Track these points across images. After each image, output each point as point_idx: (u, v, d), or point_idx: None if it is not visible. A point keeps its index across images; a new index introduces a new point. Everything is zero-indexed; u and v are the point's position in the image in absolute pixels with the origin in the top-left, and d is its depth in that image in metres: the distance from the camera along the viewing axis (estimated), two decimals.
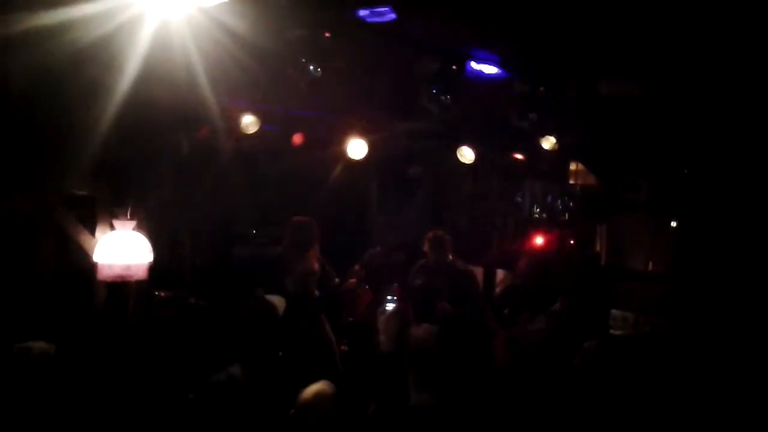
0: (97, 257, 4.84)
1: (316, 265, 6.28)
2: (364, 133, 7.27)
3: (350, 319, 6.31)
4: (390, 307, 5.67)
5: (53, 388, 3.67)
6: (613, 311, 7.71)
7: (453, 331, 4.07)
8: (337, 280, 6.49)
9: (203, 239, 7.03)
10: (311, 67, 5.40)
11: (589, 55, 6.12)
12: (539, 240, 8.27)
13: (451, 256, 6.60)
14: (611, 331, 7.38)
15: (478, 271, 7.96)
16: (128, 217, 5.00)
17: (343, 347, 6.23)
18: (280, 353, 4.17)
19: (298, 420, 3.55)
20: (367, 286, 6.52)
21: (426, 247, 6.60)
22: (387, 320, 5.32)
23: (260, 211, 8.04)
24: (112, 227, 4.99)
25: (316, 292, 6.19)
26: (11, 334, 4.21)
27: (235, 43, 4.71)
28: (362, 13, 5.11)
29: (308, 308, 5.94)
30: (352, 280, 6.53)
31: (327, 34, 5.15)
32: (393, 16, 5.11)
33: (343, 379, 3.88)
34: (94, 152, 4.83)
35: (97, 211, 5.08)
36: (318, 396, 3.61)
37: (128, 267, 4.85)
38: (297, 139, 7.36)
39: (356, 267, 6.70)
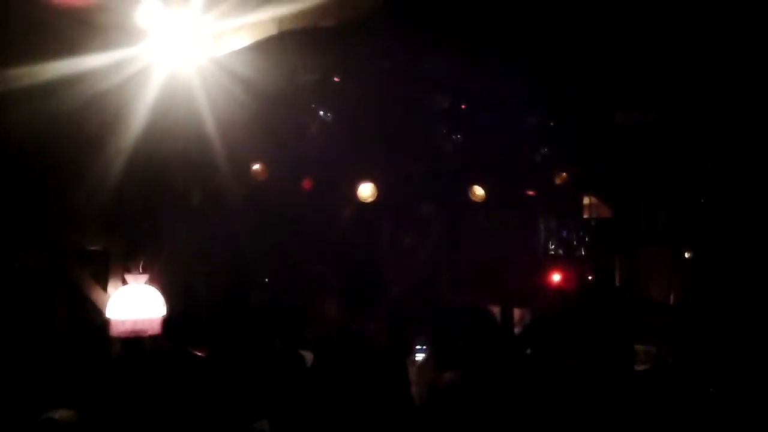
0: (109, 313, 4.76)
1: (335, 311, 6.19)
2: (374, 174, 7.22)
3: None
4: (420, 356, 5.53)
5: None
6: (636, 346, 7.57)
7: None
8: (355, 327, 6.38)
9: (218, 289, 6.96)
10: (321, 112, 5.39)
11: (601, 85, 6.09)
12: (557, 276, 8.15)
13: (468, 297, 6.50)
14: (635, 366, 7.23)
15: (495, 310, 7.83)
16: (141, 270, 4.94)
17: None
18: (310, 406, 4.06)
19: None
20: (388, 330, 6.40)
21: (443, 289, 6.51)
22: (419, 370, 5.19)
23: (274, 257, 7.97)
24: (124, 282, 4.92)
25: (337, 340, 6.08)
26: (29, 397, 4.13)
27: (245, 91, 4.69)
28: (370, 54, 5.10)
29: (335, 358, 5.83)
30: (373, 326, 6.41)
31: (336, 79, 5.14)
32: (402, 55, 5.09)
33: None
34: (105, 205, 4.78)
35: (111, 266, 5.02)
36: None
37: (141, 322, 4.78)
38: (308, 183, 7.32)
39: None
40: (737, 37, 4.77)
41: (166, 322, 4.93)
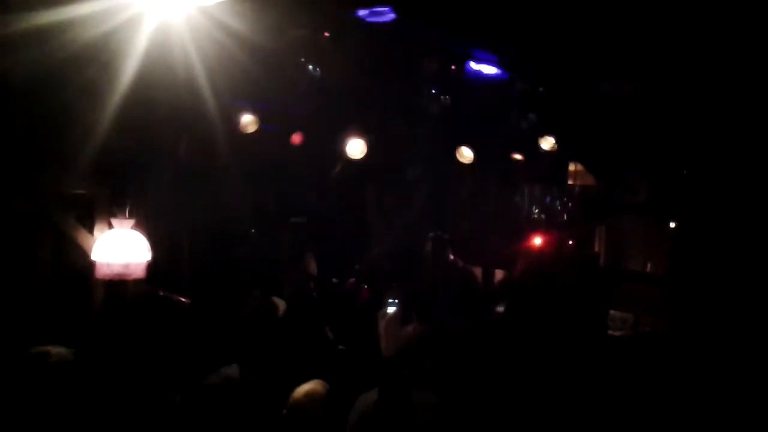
0: (95, 256, 4.82)
1: (314, 266, 6.27)
2: (362, 133, 7.26)
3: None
4: (391, 310, 5.63)
5: (71, 393, 3.64)
6: (612, 312, 7.71)
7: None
8: (334, 280, 6.48)
9: (202, 239, 7.02)
10: (310, 67, 5.40)
11: (589, 55, 6.12)
12: (538, 240, 8.26)
13: (451, 257, 6.60)
14: (610, 332, 7.38)
15: (477, 271, 7.95)
16: (127, 216, 4.98)
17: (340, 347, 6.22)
18: (280, 354, 4.16)
19: (290, 420, 3.53)
20: (365, 286, 6.51)
21: (427, 248, 6.60)
22: (387, 324, 5.29)
23: (259, 210, 8.03)
24: (110, 226, 4.97)
25: (314, 293, 6.19)
26: (15, 336, 4.20)
27: (235, 43, 4.71)
28: (362, 13, 5.11)
29: (308, 309, 5.93)
30: (352, 280, 6.52)
31: (326, 34, 5.15)
32: (393, 16, 5.10)
33: (340, 379, 3.85)
34: (93, 152, 4.80)
35: (96, 211, 5.06)
36: (309, 395, 3.58)
37: (126, 266, 4.82)
38: (296, 138, 7.35)
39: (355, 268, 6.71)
40: (722, 9, 4.81)
41: (150, 267, 4.99)
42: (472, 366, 4.41)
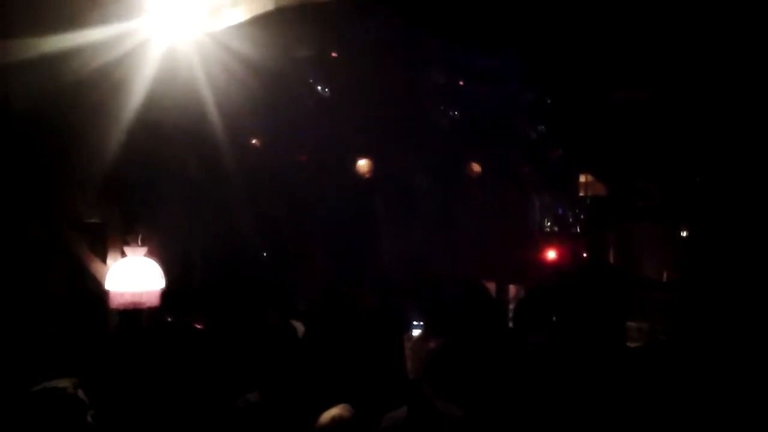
0: (108, 285, 4.79)
1: (326, 284, 6.24)
2: (371, 149, 7.25)
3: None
4: (417, 332, 5.57)
5: (85, 427, 3.61)
6: (628, 323, 7.64)
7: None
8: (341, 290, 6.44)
9: (214, 261, 7.00)
10: (318, 87, 5.40)
11: (597, 62, 6.09)
12: (551, 253, 8.21)
13: (464, 270, 6.56)
14: (628, 343, 7.30)
15: (490, 286, 7.90)
16: (139, 243, 4.95)
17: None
18: (301, 378, 4.11)
19: None
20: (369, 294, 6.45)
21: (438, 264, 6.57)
22: (415, 345, 5.22)
23: (270, 230, 8.01)
24: (123, 254, 4.95)
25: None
26: (29, 365, 4.17)
27: (242, 66, 4.70)
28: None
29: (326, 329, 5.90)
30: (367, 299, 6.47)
31: (334, 54, 5.15)
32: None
33: (364, 402, 3.80)
34: (104, 177, 4.80)
35: (108, 238, 5.04)
36: (336, 421, 3.54)
37: (140, 294, 4.79)
38: (305, 156, 7.35)
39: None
40: (732, 14, 4.77)
41: (164, 294, 4.95)
42: (492, 379, 4.36)
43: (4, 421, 3.52)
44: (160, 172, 5.23)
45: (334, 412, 3.59)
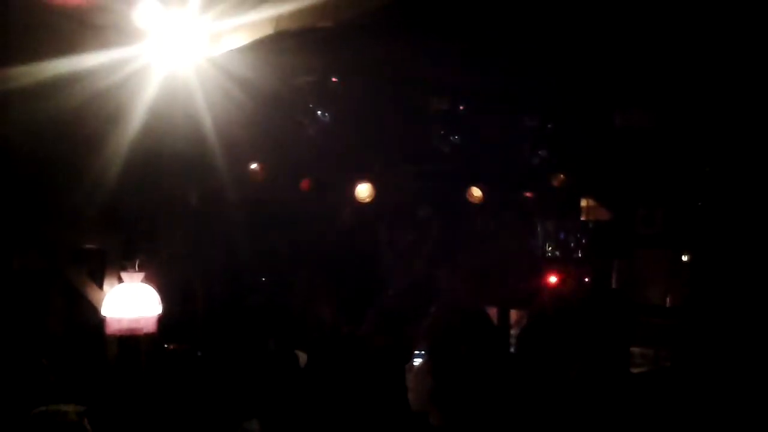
0: (105, 311, 4.76)
1: (330, 314, 6.19)
2: (372, 175, 7.23)
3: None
4: (418, 361, 5.49)
5: None
6: (633, 348, 7.57)
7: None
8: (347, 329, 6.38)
9: (214, 289, 6.96)
10: (319, 113, 5.39)
11: (601, 88, 6.09)
12: (554, 278, 8.15)
13: (465, 299, 6.50)
14: (632, 369, 7.24)
15: (493, 312, 7.83)
16: (137, 269, 4.92)
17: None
18: (301, 408, 4.06)
19: None
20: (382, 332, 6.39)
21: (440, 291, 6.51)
22: (416, 376, 5.14)
23: (270, 258, 7.98)
24: (120, 280, 4.92)
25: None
26: (28, 392, 4.12)
27: (243, 91, 4.69)
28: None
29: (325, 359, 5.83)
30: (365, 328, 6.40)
31: (335, 79, 5.14)
32: None
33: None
34: (103, 205, 4.78)
35: (107, 264, 5.02)
36: None
37: (137, 320, 4.76)
38: (305, 184, 7.33)
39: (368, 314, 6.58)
40: (736, 40, 4.77)
41: (162, 321, 4.92)
42: (498, 406, 4.30)
43: None
44: (159, 199, 5.20)
45: None
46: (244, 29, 4.14)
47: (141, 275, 4.92)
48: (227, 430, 3.87)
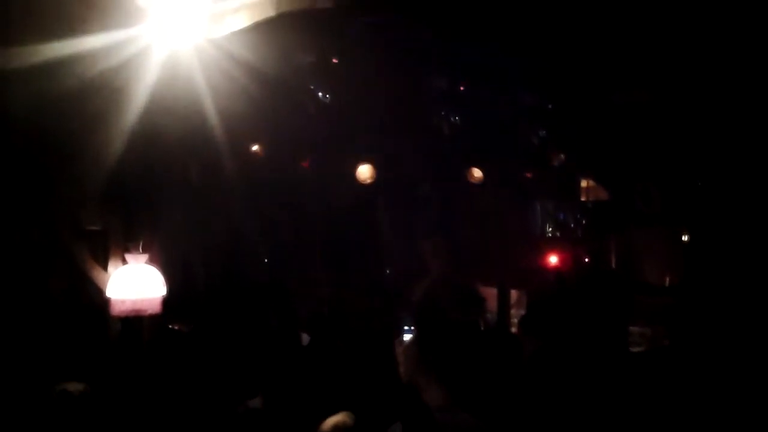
0: (109, 292, 4.78)
1: (328, 292, 6.23)
2: (372, 154, 7.24)
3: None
4: (408, 336, 5.54)
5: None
6: (631, 327, 7.61)
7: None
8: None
9: (215, 266, 6.99)
10: (320, 93, 5.39)
11: (599, 66, 6.08)
12: (553, 258, 8.19)
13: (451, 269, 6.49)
14: (630, 347, 7.28)
15: (492, 292, 7.88)
16: (140, 250, 4.94)
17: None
18: (304, 385, 4.10)
19: None
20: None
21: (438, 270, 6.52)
22: (406, 350, 5.19)
23: (270, 236, 8.01)
24: (124, 261, 4.94)
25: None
26: (31, 371, 4.15)
27: (244, 72, 4.70)
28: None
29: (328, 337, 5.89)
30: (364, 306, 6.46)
31: (335, 60, 5.14)
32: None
33: (364, 408, 3.78)
34: (105, 185, 4.79)
35: (110, 245, 5.03)
36: (338, 428, 3.52)
37: (141, 301, 4.78)
38: (306, 163, 7.34)
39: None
40: (734, 16, 4.76)
41: (165, 301, 4.94)
42: (499, 386, 4.34)
43: (16, 422, 3.52)
44: (161, 179, 5.21)
45: (336, 419, 3.57)
46: (245, 10, 4.14)
47: (145, 256, 4.94)
48: (231, 409, 3.91)
